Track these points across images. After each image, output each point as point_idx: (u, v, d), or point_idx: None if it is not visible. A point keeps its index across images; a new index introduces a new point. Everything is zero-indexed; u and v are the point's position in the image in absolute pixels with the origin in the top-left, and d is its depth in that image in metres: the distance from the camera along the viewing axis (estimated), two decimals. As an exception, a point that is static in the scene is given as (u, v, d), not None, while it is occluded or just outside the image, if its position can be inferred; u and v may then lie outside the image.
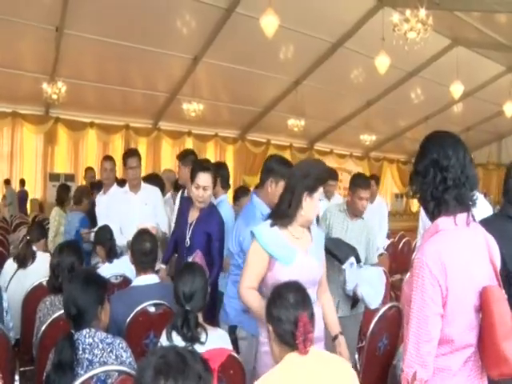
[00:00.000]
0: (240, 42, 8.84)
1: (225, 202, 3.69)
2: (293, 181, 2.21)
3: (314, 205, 2.19)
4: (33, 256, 3.62)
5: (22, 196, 10.80)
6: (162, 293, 2.67)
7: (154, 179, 4.81)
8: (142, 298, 2.56)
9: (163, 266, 3.41)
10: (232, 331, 2.63)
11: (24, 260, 3.58)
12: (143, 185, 4.22)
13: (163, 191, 4.64)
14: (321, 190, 2.22)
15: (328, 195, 6.28)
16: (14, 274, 3.52)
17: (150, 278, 2.81)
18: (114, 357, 2.00)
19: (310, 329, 1.63)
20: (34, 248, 3.70)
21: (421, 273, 1.49)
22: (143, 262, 2.81)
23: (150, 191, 4.20)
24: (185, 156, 4.22)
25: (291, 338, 1.64)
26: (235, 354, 2.14)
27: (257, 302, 2.16)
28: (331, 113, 12.96)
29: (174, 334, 2.17)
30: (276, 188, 2.64)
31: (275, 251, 2.15)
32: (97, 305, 2.10)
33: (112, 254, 3.74)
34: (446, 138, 1.64)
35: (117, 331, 2.38)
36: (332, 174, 5.80)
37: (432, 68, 10.59)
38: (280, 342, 1.69)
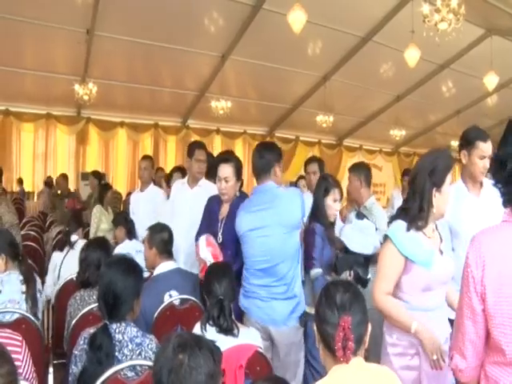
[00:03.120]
0: (267, 38, 8.79)
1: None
2: (419, 180, 2.09)
3: (444, 198, 2.10)
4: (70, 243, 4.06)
5: (21, 195, 10.82)
6: (182, 278, 2.84)
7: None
8: (165, 285, 2.66)
9: None
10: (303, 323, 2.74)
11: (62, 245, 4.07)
12: (202, 181, 3.97)
13: None
14: (449, 179, 2.11)
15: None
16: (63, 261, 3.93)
17: (170, 265, 2.99)
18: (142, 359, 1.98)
19: (351, 336, 1.48)
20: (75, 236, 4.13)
21: (465, 260, 1.40)
22: (165, 251, 3.00)
23: (204, 189, 3.89)
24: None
25: (332, 343, 1.51)
26: (262, 351, 2.13)
27: (396, 308, 2.06)
28: (360, 108, 12.77)
29: (208, 327, 2.23)
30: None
31: (413, 254, 2.04)
32: (134, 296, 2.08)
33: (131, 235, 4.19)
34: None
35: (144, 323, 2.41)
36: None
37: (464, 60, 10.28)
38: (323, 346, 1.57)
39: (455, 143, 14.31)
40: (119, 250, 3.91)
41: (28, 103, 10.65)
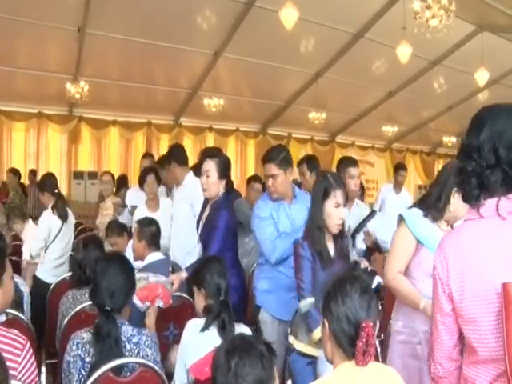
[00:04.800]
0: (260, 35, 8.79)
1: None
2: (445, 175, 2.19)
3: (462, 203, 2.11)
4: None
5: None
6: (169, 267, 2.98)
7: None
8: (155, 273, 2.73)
9: None
10: (256, 313, 2.69)
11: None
12: (186, 180, 4.00)
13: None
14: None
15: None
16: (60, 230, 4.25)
17: (158, 255, 3.16)
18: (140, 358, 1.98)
19: (373, 342, 1.43)
20: None
21: (433, 262, 1.41)
22: (153, 243, 3.15)
23: (188, 188, 3.92)
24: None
25: (347, 343, 1.46)
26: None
27: (407, 287, 2.15)
28: (352, 105, 12.80)
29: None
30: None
31: (424, 236, 2.14)
32: (130, 292, 2.11)
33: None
34: (487, 112, 1.36)
35: (136, 316, 2.42)
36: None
37: (456, 56, 10.32)
38: (334, 343, 1.51)
39: (447, 139, 14.41)
40: None
41: (19, 102, 10.55)
